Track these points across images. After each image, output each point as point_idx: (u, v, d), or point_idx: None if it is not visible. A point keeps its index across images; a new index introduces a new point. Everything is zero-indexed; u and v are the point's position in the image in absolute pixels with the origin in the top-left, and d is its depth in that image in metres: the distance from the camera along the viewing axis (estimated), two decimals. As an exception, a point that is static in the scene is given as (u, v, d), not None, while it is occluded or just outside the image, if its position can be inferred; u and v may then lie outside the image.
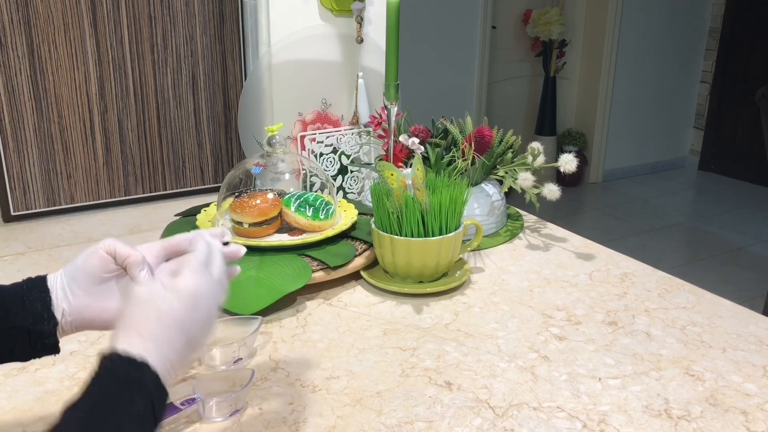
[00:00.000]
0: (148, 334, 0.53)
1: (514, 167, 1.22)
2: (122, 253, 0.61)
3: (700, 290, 1.03)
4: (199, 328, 0.57)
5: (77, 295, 0.61)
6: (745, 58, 4.51)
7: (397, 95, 1.11)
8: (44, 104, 1.26)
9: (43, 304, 0.60)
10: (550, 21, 4.08)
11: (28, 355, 0.60)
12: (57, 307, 0.60)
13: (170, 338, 0.54)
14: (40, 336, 0.59)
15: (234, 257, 0.65)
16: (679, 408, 0.75)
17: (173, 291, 0.56)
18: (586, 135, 4.50)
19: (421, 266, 1.00)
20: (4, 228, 1.26)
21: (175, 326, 0.55)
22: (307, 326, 0.92)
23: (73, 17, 1.25)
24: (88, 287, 0.61)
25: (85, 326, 0.62)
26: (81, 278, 0.61)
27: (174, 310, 0.55)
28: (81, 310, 0.61)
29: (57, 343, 0.61)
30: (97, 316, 0.61)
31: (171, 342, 0.54)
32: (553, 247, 1.18)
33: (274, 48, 1.33)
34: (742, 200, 4.26)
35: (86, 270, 0.61)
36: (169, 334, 0.54)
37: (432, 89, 3.89)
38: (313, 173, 1.21)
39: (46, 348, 0.60)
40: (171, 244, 0.64)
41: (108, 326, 0.62)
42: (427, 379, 0.80)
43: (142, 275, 0.60)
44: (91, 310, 0.61)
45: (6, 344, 0.59)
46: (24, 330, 0.59)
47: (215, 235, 0.65)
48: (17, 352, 0.60)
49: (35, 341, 0.59)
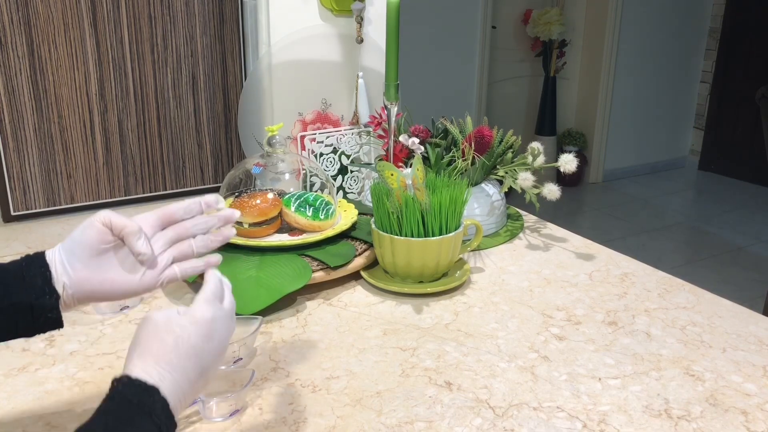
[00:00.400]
0: (164, 361, 0.54)
1: (514, 167, 1.22)
2: (118, 224, 0.61)
3: (700, 290, 1.03)
4: (212, 359, 0.58)
5: (76, 269, 0.61)
6: (745, 58, 4.51)
7: (397, 95, 1.11)
8: (44, 104, 1.26)
9: (43, 278, 0.60)
10: (550, 21, 4.07)
11: (32, 330, 0.61)
12: (57, 281, 0.60)
13: (185, 367, 0.55)
14: (42, 310, 0.59)
15: (229, 220, 0.67)
16: (679, 408, 0.75)
17: (190, 319, 0.57)
18: (586, 135, 4.50)
19: (421, 266, 1.00)
20: (4, 228, 1.26)
21: (191, 354, 0.55)
22: (307, 326, 0.92)
23: (73, 17, 1.25)
24: (86, 260, 0.61)
25: (86, 298, 0.62)
26: (79, 251, 0.61)
27: (191, 338, 0.56)
28: (81, 282, 0.61)
29: (60, 317, 0.61)
30: (97, 288, 0.61)
31: (186, 371, 0.55)
32: (553, 247, 1.18)
33: (274, 48, 1.33)
34: (742, 200, 4.26)
35: (84, 242, 0.61)
36: (185, 363, 0.55)
37: (432, 89, 3.89)
38: (313, 173, 1.21)
39: (49, 322, 0.60)
40: (165, 213, 0.65)
41: (108, 297, 0.62)
42: (427, 379, 0.80)
43: (139, 244, 0.61)
44: (91, 282, 0.61)
45: (9, 321, 0.59)
46: (26, 305, 0.59)
47: (210, 202, 0.66)
48: (21, 328, 0.60)
49: (38, 315, 0.59)
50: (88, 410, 0.73)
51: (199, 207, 0.66)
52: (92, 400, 0.75)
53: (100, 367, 0.81)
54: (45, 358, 0.83)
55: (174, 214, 0.66)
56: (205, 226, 0.66)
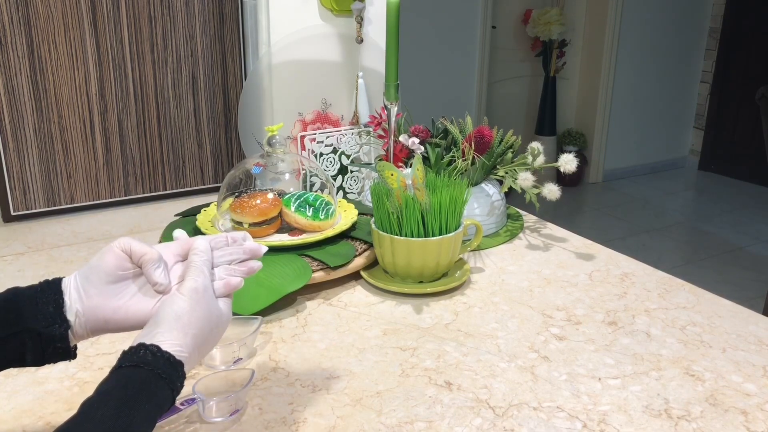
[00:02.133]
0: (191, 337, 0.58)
1: (514, 167, 1.22)
2: (138, 251, 0.60)
3: (700, 290, 1.03)
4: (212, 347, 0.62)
5: (91, 295, 0.60)
6: (745, 58, 4.51)
7: (397, 95, 1.11)
8: (44, 104, 1.26)
9: (55, 306, 0.59)
10: (550, 21, 4.08)
11: (41, 360, 0.59)
12: (70, 309, 0.59)
13: (201, 349, 0.59)
14: (50, 340, 0.58)
15: (256, 254, 0.66)
16: (679, 408, 0.75)
17: (220, 309, 0.61)
18: (586, 135, 4.50)
19: (421, 266, 1.00)
20: (4, 228, 1.26)
21: (207, 341, 0.60)
22: (307, 326, 0.92)
23: (73, 17, 1.25)
24: (101, 286, 0.60)
25: (99, 328, 0.61)
26: (95, 277, 0.60)
27: (217, 327, 0.60)
28: (95, 310, 0.60)
29: (69, 348, 0.60)
30: (110, 316, 0.60)
31: (200, 353, 0.59)
32: (553, 247, 1.18)
33: (274, 48, 1.33)
34: (742, 200, 4.26)
35: (100, 268, 0.60)
36: (202, 346, 0.59)
37: (432, 89, 3.89)
38: (313, 173, 1.21)
39: (57, 353, 0.59)
40: (189, 243, 0.64)
41: (122, 326, 0.61)
42: (427, 379, 0.80)
43: (157, 273, 0.60)
44: (104, 310, 0.60)
45: (18, 348, 0.58)
46: (35, 333, 0.57)
47: (236, 238, 0.66)
48: (29, 357, 0.58)
49: (46, 345, 0.58)
50: (88, 410, 0.73)
51: (225, 240, 0.65)
52: (92, 400, 0.75)
53: (100, 367, 0.81)
54: (45, 358, 0.83)
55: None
56: (230, 257, 0.65)
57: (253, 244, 0.66)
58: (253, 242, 0.66)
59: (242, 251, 0.65)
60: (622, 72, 4.41)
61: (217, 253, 0.65)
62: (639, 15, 4.35)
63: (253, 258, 0.66)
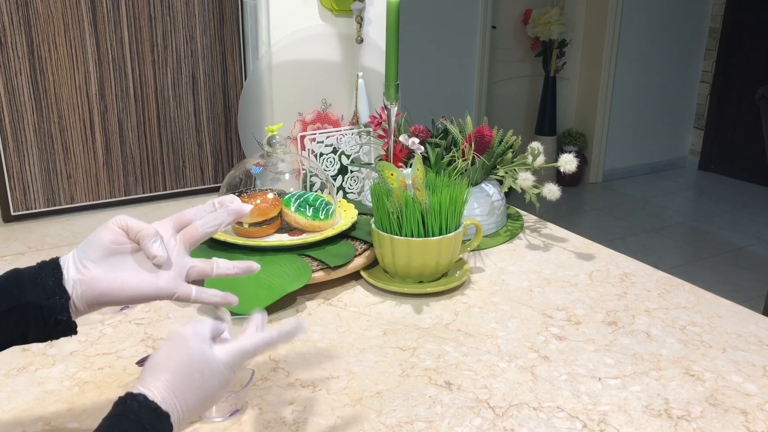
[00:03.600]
0: (183, 397, 0.56)
1: (514, 167, 1.22)
2: (134, 227, 0.62)
3: (700, 290, 1.03)
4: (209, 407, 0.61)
5: (88, 267, 0.61)
6: (745, 58, 4.51)
7: (397, 95, 1.11)
8: (44, 104, 1.26)
9: (54, 279, 0.60)
10: (550, 21, 4.07)
11: (43, 335, 0.60)
12: (68, 281, 0.60)
13: (196, 408, 0.57)
14: (52, 311, 0.59)
15: (240, 213, 0.67)
16: (679, 408, 0.75)
17: (221, 368, 0.59)
18: (586, 135, 4.50)
19: (421, 266, 1.00)
20: (4, 228, 1.26)
21: (206, 398, 0.58)
22: (307, 326, 0.92)
23: (73, 17, 1.25)
24: (98, 258, 0.61)
25: (97, 300, 0.61)
26: (91, 251, 0.61)
27: (214, 386, 0.58)
28: (92, 282, 0.60)
29: (71, 321, 0.61)
30: (106, 288, 0.61)
31: (195, 411, 0.57)
32: (553, 247, 1.18)
33: (274, 48, 1.33)
34: (742, 200, 4.26)
35: (96, 242, 0.61)
36: (197, 405, 0.57)
37: (432, 89, 3.89)
38: (313, 173, 1.21)
39: (60, 326, 0.60)
40: (179, 217, 0.66)
41: (119, 298, 0.62)
42: (427, 379, 0.80)
43: (155, 247, 0.61)
44: (101, 281, 0.61)
45: (20, 323, 0.59)
46: (36, 306, 0.59)
47: (224, 202, 0.66)
48: (32, 332, 0.60)
49: (48, 317, 0.59)
50: (88, 410, 0.73)
51: (212, 206, 0.66)
52: (92, 400, 0.75)
53: (100, 367, 0.81)
54: (45, 358, 0.83)
55: (186, 216, 0.66)
56: (215, 222, 0.66)
57: (238, 204, 0.66)
58: (238, 203, 0.67)
59: (226, 213, 0.66)
60: (622, 72, 4.41)
61: (201, 221, 0.65)
62: (639, 15, 4.35)
63: (238, 217, 0.67)
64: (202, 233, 0.66)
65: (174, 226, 0.65)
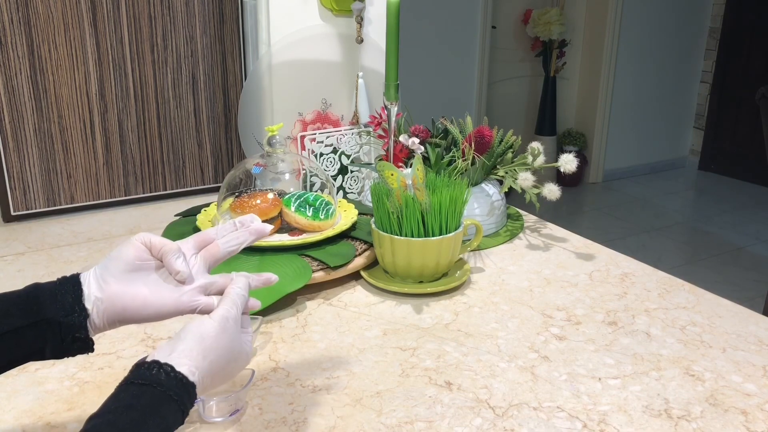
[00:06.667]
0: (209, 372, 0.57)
1: (514, 167, 1.22)
2: (157, 244, 0.62)
3: (700, 290, 1.03)
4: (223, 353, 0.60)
5: (109, 283, 0.61)
6: (745, 58, 4.51)
7: (397, 95, 1.11)
8: (44, 104, 1.26)
9: (74, 296, 0.60)
10: (550, 21, 4.07)
11: (60, 352, 0.60)
12: (88, 298, 0.60)
13: (215, 382, 0.59)
14: (70, 329, 0.59)
15: (260, 234, 0.67)
16: (679, 408, 0.75)
17: (245, 348, 0.62)
18: (586, 135, 4.50)
19: (421, 266, 1.00)
20: (4, 228, 1.26)
21: (224, 376, 0.60)
22: (307, 326, 0.92)
23: (73, 17, 1.25)
24: (121, 274, 0.61)
25: (117, 317, 0.61)
26: (113, 266, 0.61)
27: (236, 366, 0.60)
28: (113, 298, 0.60)
29: (88, 339, 0.61)
30: (128, 304, 0.61)
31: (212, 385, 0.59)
32: (553, 247, 1.18)
33: (274, 48, 1.33)
34: (742, 200, 4.26)
35: (119, 258, 0.61)
36: (217, 380, 0.59)
37: (432, 89, 3.89)
38: (313, 173, 1.21)
39: (77, 343, 0.60)
40: (203, 238, 0.66)
41: (140, 317, 0.62)
42: (427, 379, 0.80)
43: (178, 263, 0.62)
44: (122, 297, 0.60)
45: (37, 339, 0.58)
46: (54, 323, 0.58)
47: (244, 221, 0.67)
48: (49, 348, 0.59)
49: (66, 334, 0.59)
50: (88, 410, 0.73)
51: (233, 226, 0.67)
52: (92, 400, 0.75)
53: (100, 367, 0.81)
54: (45, 358, 0.83)
55: (208, 235, 0.67)
56: (237, 242, 0.67)
57: (259, 224, 0.67)
58: (258, 223, 0.67)
59: (248, 233, 0.67)
60: (622, 72, 4.40)
61: (222, 240, 0.66)
62: (639, 15, 4.35)
63: (259, 238, 0.67)
64: (224, 252, 0.66)
65: (195, 244, 0.66)
